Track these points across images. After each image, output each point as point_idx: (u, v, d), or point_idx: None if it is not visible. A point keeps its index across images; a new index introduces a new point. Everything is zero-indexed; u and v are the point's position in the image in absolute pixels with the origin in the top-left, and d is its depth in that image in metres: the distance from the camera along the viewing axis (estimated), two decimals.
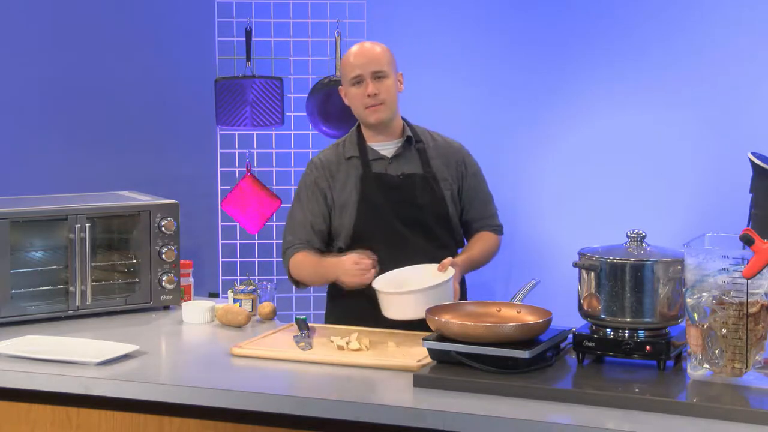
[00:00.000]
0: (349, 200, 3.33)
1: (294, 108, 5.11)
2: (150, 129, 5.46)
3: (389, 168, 3.35)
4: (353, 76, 3.31)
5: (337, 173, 3.36)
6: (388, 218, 3.30)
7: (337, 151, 3.40)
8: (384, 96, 3.30)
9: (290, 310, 5.05)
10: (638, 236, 2.69)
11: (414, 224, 3.32)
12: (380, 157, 3.36)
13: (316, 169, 3.38)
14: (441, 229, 3.36)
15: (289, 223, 3.39)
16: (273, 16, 5.08)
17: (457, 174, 3.41)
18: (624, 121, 5.10)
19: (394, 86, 3.33)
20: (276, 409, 2.50)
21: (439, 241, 3.35)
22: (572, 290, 2.75)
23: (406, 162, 3.36)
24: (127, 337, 3.05)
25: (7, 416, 2.78)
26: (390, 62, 3.34)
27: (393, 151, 3.37)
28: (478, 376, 2.54)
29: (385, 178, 3.33)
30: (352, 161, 3.36)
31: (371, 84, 3.29)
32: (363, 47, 3.37)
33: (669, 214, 4.92)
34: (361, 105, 3.32)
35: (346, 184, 3.34)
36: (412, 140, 3.38)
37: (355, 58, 3.33)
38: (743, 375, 2.46)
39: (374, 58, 3.31)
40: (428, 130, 3.46)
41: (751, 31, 4.91)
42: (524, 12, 5.25)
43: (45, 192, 3.87)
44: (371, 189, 3.31)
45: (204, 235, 5.21)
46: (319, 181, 3.36)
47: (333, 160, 3.38)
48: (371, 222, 3.30)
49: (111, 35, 5.41)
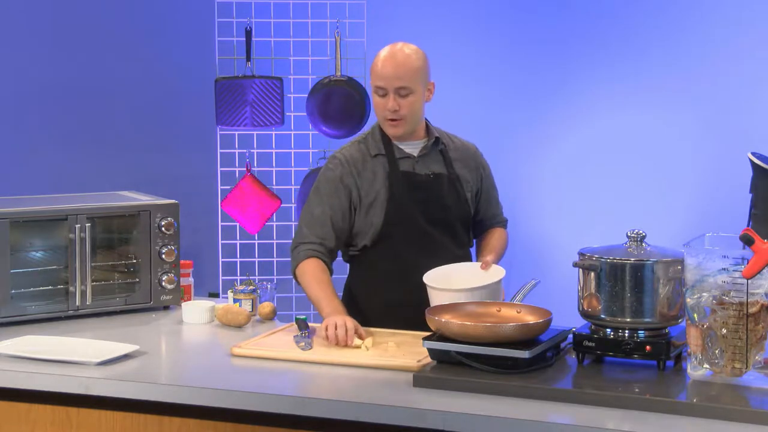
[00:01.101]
0: (377, 198, 3.26)
1: (294, 108, 5.11)
2: (150, 129, 5.46)
3: (416, 167, 3.30)
4: (377, 85, 3.22)
5: (364, 171, 3.27)
6: (417, 217, 3.27)
7: (360, 148, 3.31)
8: (405, 112, 3.21)
9: (290, 310, 5.06)
10: (638, 236, 2.69)
11: (440, 224, 3.29)
12: (407, 156, 3.30)
13: (341, 165, 3.28)
14: (462, 229, 3.36)
15: (305, 217, 3.27)
16: (273, 16, 5.08)
17: (477, 176, 3.40)
18: (624, 121, 5.10)
19: (418, 101, 3.22)
20: (276, 409, 2.50)
21: (461, 241, 3.35)
22: (572, 290, 2.75)
23: (432, 162, 3.32)
24: (127, 337, 3.05)
25: (7, 416, 2.78)
26: (417, 76, 3.20)
27: (419, 150, 3.32)
28: (478, 376, 2.53)
29: (414, 177, 3.28)
30: (378, 159, 3.29)
31: (393, 99, 3.19)
32: (393, 56, 3.21)
33: (669, 214, 4.92)
34: (382, 116, 3.25)
35: (373, 182, 3.27)
36: (439, 142, 3.34)
37: (382, 66, 3.20)
38: (743, 375, 2.46)
39: (401, 73, 3.18)
40: (446, 132, 3.42)
41: (751, 31, 4.91)
42: (524, 12, 5.25)
43: (45, 192, 3.87)
44: (400, 187, 3.26)
45: (204, 235, 5.21)
46: (345, 177, 3.26)
47: (358, 158, 3.29)
48: (400, 220, 3.25)
49: (111, 35, 5.41)
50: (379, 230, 3.26)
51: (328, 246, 3.24)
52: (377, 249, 3.27)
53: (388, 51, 3.22)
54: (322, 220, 3.23)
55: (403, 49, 3.23)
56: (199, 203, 5.07)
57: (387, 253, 3.27)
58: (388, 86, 3.19)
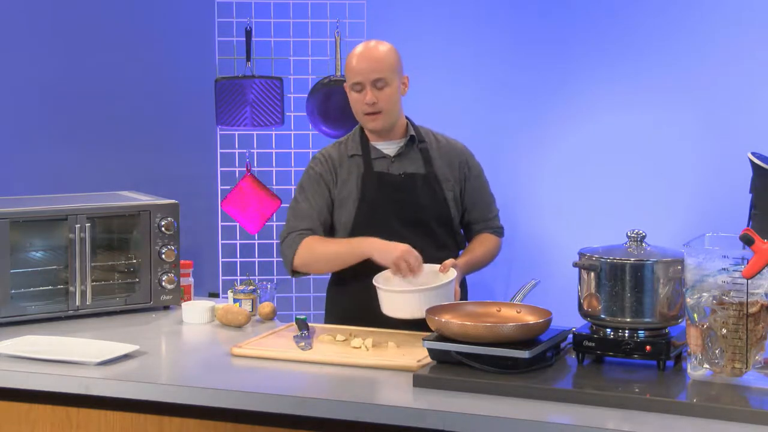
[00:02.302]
0: (349, 197, 3.32)
1: (294, 108, 5.12)
2: (150, 129, 5.46)
3: (391, 167, 3.34)
4: (353, 82, 3.28)
5: (340, 169, 3.34)
6: (387, 217, 3.30)
7: (339, 149, 3.39)
8: (383, 104, 3.27)
9: (290, 310, 5.06)
10: (638, 236, 2.69)
11: (414, 224, 3.31)
12: (382, 156, 3.35)
13: (320, 163, 3.36)
14: (441, 230, 3.36)
15: (292, 213, 3.34)
16: (273, 16, 5.08)
17: (460, 175, 3.40)
18: (624, 121, 5.10)
19: (395, 93, 3.29)
20: (276, 409, 2.50)
21: (440, 242, 3.35)
22: (572, 290, 2.75)
23: (409, 162, 3.36)
24: (127, 337, 3.05)
25: (7, 416, 2.78)
26: (393, 68, 3.28)
27: (396, 150, 3.36)
28: (478, 376, 2.54)
29: (387, 177, 3.33)
30: (354, 159, 3.35)
31: (370, 92, 3.25)
32: (366, 50, 3.31)
33: (669, 214, 4.92)
34: (360, 111, 3.31)
35: (347, 181, 3.33)
36: (415, 140, 3.37)
37: (357, 62, 3.28)
38: (743, 375, 2.46)
39: (376, 66, 3.26)
40: (432, 130, 3.45)
41: (751, 31, 4.91)
42: (524, 12, 5.25)
43: (45, 192, 3.87)
44: (372, 187, 3.31)
45: (204, 235, 5.21)
46: (324, 174, 3.34)
47: (336, 157, 3.36)
48: (369, 220, 3.29)
49: (111, 35, 5.41)
50: (349, 229, 3.31)
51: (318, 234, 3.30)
52: None
53: (361, 47, 3.34)
54: (308, 214, 3.31)
55: (375, 44, 3.33)
56: (199, 203, 5.08)
57: None
58: (364, 80, 3.26)
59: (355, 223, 3.31)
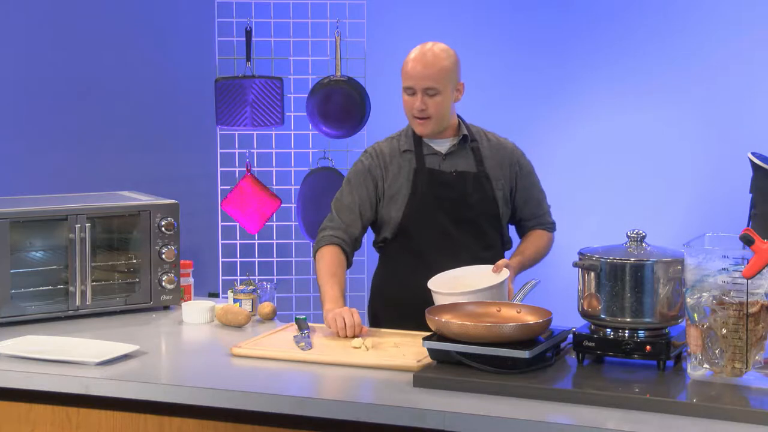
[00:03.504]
0: (399, 192, 3.32)
1: (294, 108, 5.11)
2: (150, 129, 5.46)
3: (443, 164, 3.34)
4: (406, 85, 3.26)
5: (391, 164, 3.34)
6: (437, 214, 3.30)
7: (392, 144, 3.38)
8: (432, 111, 3.25)
9: (290, 310, 5.06)
10: (638, 236, 2.69)
11: (463, 222, 3.31)
12: (434, 153, 3.34)
13: (371, 157, 3.37)
14: (490, 229, 3.36)
15: (335, 205, 3.35)
16: (273, 16, 5.08)
17: (511, 174, 3.40)
18: (624, 121, 5.10)
19: (446, 101, 3.26)
20: (276, 409, 2.50)
21: (487, 241, 3.35)
22: (572, 290, 2.75)
23: (460, 159, 3.35)
24: (127, 337, 3.05)
25: (7, 416, 2.78)
26: (447, 75, 3.24)
27: (447, 147, 3.35)
28: (478, 376, 2.53)
29: (438, 174, 3.32)
30: (406, 155, 3.35)
31: (421, 99, 3.24)
32: (423, 56, 3.25)
33: (669, 214, 4.92)
34: (410, 114, 3.30)
35: (398, 176, 3.33)
36: (468, 139, 3.37)
37: (412, 67, 3.24)
38: (743, 375, 2.46)
39: (429, 73, 3.23)
40: (483, 129, 3.45)
41: (751, 31, 4.91)
42: (524, 12, 5.25)
43: (45, 192, 3.87)
44: (423, 183, 3.31)
45: (204, 235, 5.21)
46: (373, 168, 3.34)
47: (387, 152, 3.36)
48: (419, 216, 3.30)
49: (111, 35, 5.41)
50: (398, 224, 3.31)
51: (353, 233, 3.31)
52: (397, 243, 3.34)
53: (418, 51, 3.27)
54: (350, 208, 3.32)
55: (432, 48, 3.27)
56: (199, 203, 5.08)
57: (406, 248, 3.34)
58: (416, 86, 3.23)
59: (404, 218, 3.31)
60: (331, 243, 3.28)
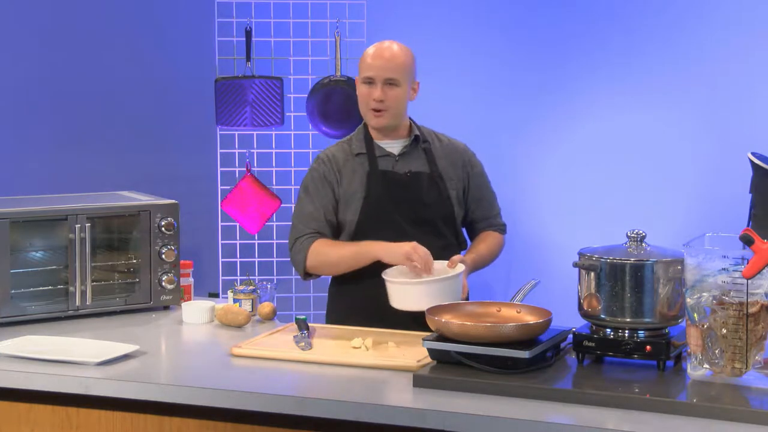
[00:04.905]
0: (354, 196, 3.33)
1: (294, 108, 5.12)
2: (150, 129, 5.46)
3: (396, 166, 3.35)
4: (365, 75, 3.30)
5: (344, 168, 3.35)
6: (393, 215, 3.31)
7: (344, 148, 3.40)
8: (390, 103, 3.29)
9: (290, 310, 5.06)
10: (638, 236, 2.69)
11: (419, 222, 3.32)
12: (387, 155, 3.36)
13: (323, 163, 3.38)
14: (446, 229, 3.37)
15: (297, 215, 3.35)
16: (273, 16, 5.08)
17: (463, 174, 3.42)
18: (624, 121, 5.09)
19: (403, 96, 3.31)
20: (276, 409, 2.50)
21: (444, 241, 3.36)
22: (572, 290, 2.75)
23: (414, 160, 3.37)
24: (127, 337, 3.05)
25: (7, 416, 2.78)
26: (406, 70, 3.31)
27: (400, 149, 3.37)
28: (478, 376, 2.53)
29: (392, 175, 3.34)
30: (359, 158, 3.36)
31: (380, 89, 3.28)
32: (383, 48, 3.33)
33: (669, 214, 4.92)
34: (366, 105, 3.32)
35: (352, 180, 3.34)
36: (420, 139, 3.39)
37: (372, 58, 3.31)
38: (743, 375, 2.46)
39: (391, 65, 3.29)
40: (433, 131, 3.47)
41: (751, 31, 4.91)
42: (524, 12, 5.25)
43: (45, 192, 3.87)
44: (377, 185, 3.32)
45: (204, 235, 5.21)
46: (327, 174, 3.35)
47: (340, 156, 3.38)
48: (375, 218, 3.31)
49: (111, 35, 5.41)
50: (354, 227, 3.32)
51: (325, 236, 3.31)
52: None
53: (378, 45, 3.35)
54: (315, 216, 3.32)
55: (392, 45, 3.35)
56: (199, 203, 5.07)
57: None
58: (377, 76, 3.28)
59: (360, 220, 3.31)
60: (313, 241, 3.29)
